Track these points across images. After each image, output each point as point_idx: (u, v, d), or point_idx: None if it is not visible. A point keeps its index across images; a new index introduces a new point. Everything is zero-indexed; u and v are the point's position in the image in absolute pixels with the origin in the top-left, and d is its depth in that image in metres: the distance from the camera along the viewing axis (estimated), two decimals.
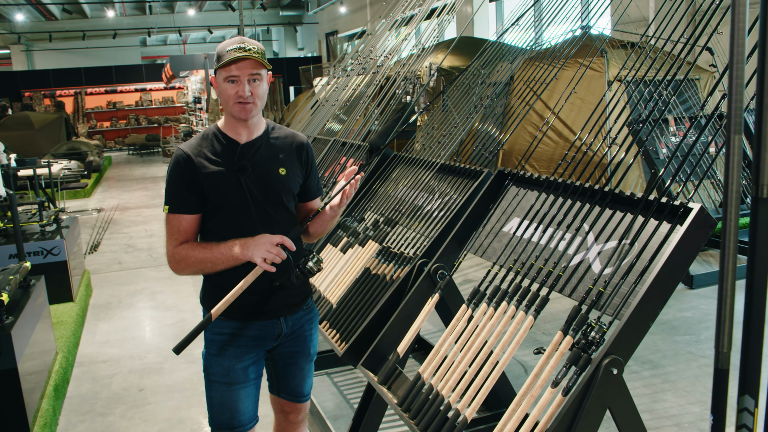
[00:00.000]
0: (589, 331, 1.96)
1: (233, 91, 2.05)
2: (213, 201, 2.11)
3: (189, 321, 5.18)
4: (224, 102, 2.10)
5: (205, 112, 10.99)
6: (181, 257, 2.09)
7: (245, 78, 2.04)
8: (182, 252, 2.09)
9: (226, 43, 2.07)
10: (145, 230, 8.82)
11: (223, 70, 2.05)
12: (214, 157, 2.11)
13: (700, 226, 1.88)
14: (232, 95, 2.06)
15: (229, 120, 2.16)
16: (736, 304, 4.44)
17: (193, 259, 2.07)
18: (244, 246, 2.04)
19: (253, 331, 2.20)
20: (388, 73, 5.83)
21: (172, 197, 2.10)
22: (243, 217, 2.13)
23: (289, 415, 2.42)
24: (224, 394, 2.18)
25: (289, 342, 2.30)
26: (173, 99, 22.15)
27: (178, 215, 2.10)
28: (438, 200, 3.48)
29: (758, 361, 1.58)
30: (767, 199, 1.44)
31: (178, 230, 2.10)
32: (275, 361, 2.33)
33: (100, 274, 6.70)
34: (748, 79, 1.55)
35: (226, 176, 2.10)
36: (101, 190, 12.73)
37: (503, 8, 14.48)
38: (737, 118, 1.39)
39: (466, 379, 2.27)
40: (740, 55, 1.35)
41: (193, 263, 2.08)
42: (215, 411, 2.21)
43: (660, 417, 3.36)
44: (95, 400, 3.91)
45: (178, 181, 2.09)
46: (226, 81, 2.06)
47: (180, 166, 2.09)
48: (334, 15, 21.67)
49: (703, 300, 5.00)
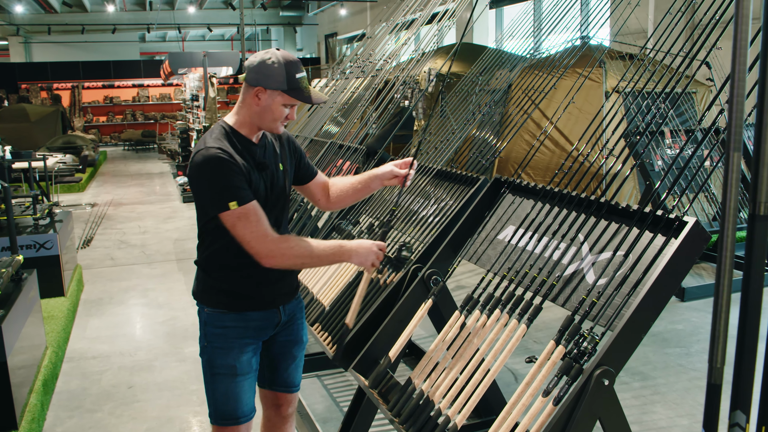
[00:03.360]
0: (581, 341, 1.97)
1: (284, 114, 2.15)
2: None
3: (181, 319, 5.17)
4: (267, 118, 2.14)
5: (203, 110, 10.96)
6: (288, 246, 2.10)
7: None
8: (289, 243, 2.11)
9: (292, 66, 2.10)
10: (138, 226, 8.79)
11: (290, 98, 2.11)
12: (240, 155, 2.13)
13: (694, 240, 1.88)
14: (282, 117, 2.15)
15: (248, 124, 2.17)
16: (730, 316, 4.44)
17: (301, 251, 2.12)
18: (351, 253, 2.21)
19: (255, 322, 2.25)
20: (387, 76, 5.84)
21: (236, 190, 2.04)
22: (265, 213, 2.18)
23: (281, 408, 2.47)
24: (230, 386, 2.22)
25: (284, 331, 2.39)
26: (170, 96, 22.11)
27: (254, 202, 2.08)
28: (434, 206, 3.48)
29: (751, 377, 1.59)
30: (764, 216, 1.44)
31: (261, 216, 2.09)
32: (271, 350, 2.39)
33: (92, 270, 6.68)
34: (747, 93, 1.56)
35: (252, 173, 2.14)
36: (95, 185, 12.69)
37: (503, 15, 14.53)
38: (737, 135, 1.40)
39: (458, 386, 2.28)
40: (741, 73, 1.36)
41: (299, 255, 2.12)
42: (220, 403, 2.25)
43: (649, 429, 3.36)
44: (84, 396, 3.89)
45: (232, 174, 2.05)
46: (284, 105, 2.13)
47: (226, 162, 2.04)
48: (334, 17, 21.70)
49: (694, 313, 5.01)
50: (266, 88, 2.09)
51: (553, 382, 1.95)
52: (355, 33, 20.36)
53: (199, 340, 2.30)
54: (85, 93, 21.53)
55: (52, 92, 20.70)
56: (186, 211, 9.79)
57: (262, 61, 2.10)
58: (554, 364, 2.01)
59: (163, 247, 7.64)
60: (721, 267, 1.55)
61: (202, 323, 2.25)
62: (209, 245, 2.21)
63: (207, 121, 10.65)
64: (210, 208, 2.08)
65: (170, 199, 10.90)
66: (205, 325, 2.24)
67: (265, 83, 2.09)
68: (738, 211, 5.99)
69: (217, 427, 2.27)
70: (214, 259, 2.22)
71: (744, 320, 1.57)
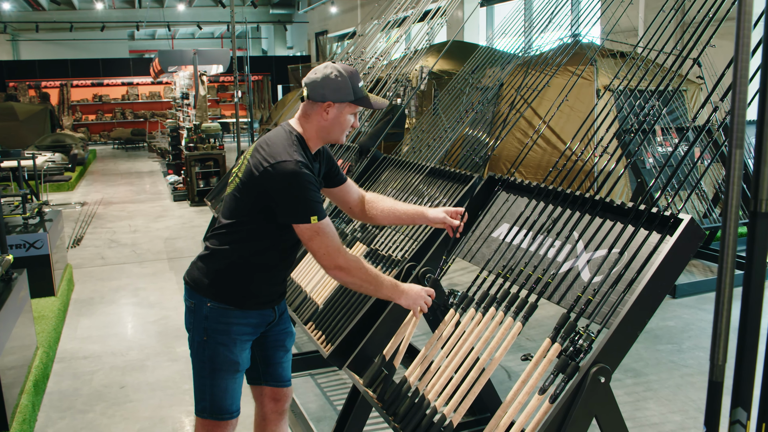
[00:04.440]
0: (577, 339, 1.97)
1: (350, 123, 2.24)
2: None
3: (172, 318, 5.14)
4: (336, 130, 2.23)
5: (193, 108, 10.91)
6: (357, 267, 2.20)
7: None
8: (359, 264, 2.20)
9: (354, 77, 2.20)
10: (129, 225, 8.74)
11: (356, 106, 2.21)
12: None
13: (690, 237, 1.89)
14: (348, 127, 2.23)
15: (314, 137, 2.25)
16: None
17: (369, 276, 2.22)
18: (403, 294, 2.33)
19: (254, 320, 2.31)
20: (379, 75, 5.83)
21: (317, 205, 2.14)
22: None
23: (277, 403, 2.50)
24: (230, 382, 2.27)
25: (275, 325, 2.45)
26: (160, 94, 22.02)
27: (328, 218, 2.17)
28: (427, 204, 3.48)
29: (751, 375, 1.59)
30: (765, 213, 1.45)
31: (334, 231, 2.18)
32: (265, 345, 2.44)
33: (82, 269, 6.64)
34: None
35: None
36: (85, 184, 12.62)
37: (494, 13, 14.53)
38: (739, 133, 1.41)
39: (453, 384, 2.27)
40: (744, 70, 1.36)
41: (365, 279, 2.22)
42: (218, 398, 2.27)
43: (642, 425, 3.38)
44: (75, 397, 3.87)
45: (315, 190, 2.15)
46: (351, 114, 2.23)
47: (311, 177, 2.14)
48: (325, 15, 21.64)
49: (685, 309, 5.04)
50: (335, 102, 2.18)
51: (549, 380, 1.95)
52: (345, 31, 20.32)
53: (192, 333, 2.28)
54: (73, 91, 21.40)
55: (40, 90, 20.56)
56: (177, 210, 9.75)
57: (326, 77, 2.16)
58: (550, 362, 2.01)
59: (154, 246, 7.60)
60: (723, 264, 1.56)
61: (202, 317, 2.24)
62: (239, 242, 2.23)
63: (197, 120, 10.60)
64: (289, 218, 2.14)
65: (161, 198, 10.85)
66: (206, 320, 2.23)
67: (333, 97, 2.17)
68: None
69: (211, 421, 2.28)
70: (240, 251, 2.23)
71: (745, 318, 1.58)
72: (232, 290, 2.24)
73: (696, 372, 3.99)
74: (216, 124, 10.45)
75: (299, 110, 2.27)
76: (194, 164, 10.04)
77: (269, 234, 2.22)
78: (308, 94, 2.19)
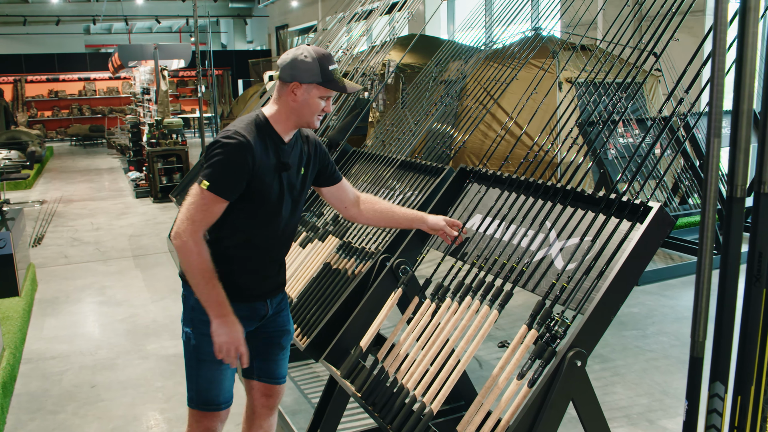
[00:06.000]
0: (553, 325, 2.03)
1: (321, 107, 2.18)
2: (255, 191, 2.14)
3: (141, 316, 5.09)
4: (305, 112, 2.18)
5: (154, 103, 10.76)
6: (196, 253, 2.06)
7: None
8: (200, 251, 2.07)
9: (323, 58, 2.15)
10: (91, 223, 8.60)
11: (325, 90, 2.16)
12: (266, 150, 2.16)
13: (659, 225, 1.96)
14: (319, 110, 2.18)
15: (284, 119, 2.20)
16: (680, 299, 4.61)
17: (198, 268, 2.08)
18: (222, 318, 2.09)
19: (243, 312, 2.25)
20: (345, 68, 5.84)
21: (218, 178, 2.06)
22: (274, 213, 2.23)
23: (268, 399, 2.49)
24: (215, 373, 2.25)
25: (270, 323, 2.41)
26: (118, 89, 21.61)
27: (216, 197, 2.08)
28: (399, 196, 3.51)
29: (728, 351, 1.67)
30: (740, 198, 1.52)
31: (208, 211, 2.09)
32: (259, 341, 2.40)
33: (45, 268, 6.51)
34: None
35: (271, 171, 2.17)
36: (43, 182, 12.34)
37: (455, 7, 14.63)
38: (717, 123, 1.48)
39: (431, 372, 2.32)
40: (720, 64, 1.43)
41: (194, 266, 2.08)
42: (203, 389, 2.26)
43: (611, 409, 3.48)
44: (45, 398, 3.81)
45: (231, 165, 2.07)
46: (320, 98, 2.17)
47: (239, 151, 2.07)
48: (285, 9, 21.49)
49: (648, 296, 5.18)
50: (302, 83, 2.14)
51: (527, 366, 2.00)
52: (306, 25, 20.22)
53: (181, 322, 2.28)
54: (28, 87, 20.85)
55: None
56: (140, 207, 9.61)
57: (295, 58, 2.15)
58: (527, 348, 2.07)
59: (118, 243, 7.49)
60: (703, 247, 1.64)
61: (189, 308, 2.24)
62: (220, 227, 2.20)
63: (159, 115, 10.46)
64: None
65: (122, 195, 10.68)
66: (192, 311, 2.23)
67: (301, 78, 2.14)
68: (687, 197, 6.19)
69: (198, 412, 2.28)
70: (222, 243, 2.21)
71: (722, 298, 1.65)
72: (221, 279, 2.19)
73: (660, 356, 4.11)
74: (178, 120, 10.33)
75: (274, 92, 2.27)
76: (157, 160, 9.91)
77: (236, 222, 2.18)
78: (279, 75, 2.18)
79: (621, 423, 3.33)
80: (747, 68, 1.48)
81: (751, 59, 1.47)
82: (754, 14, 1.43)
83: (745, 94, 1.48)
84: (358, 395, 2.53)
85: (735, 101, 1.51)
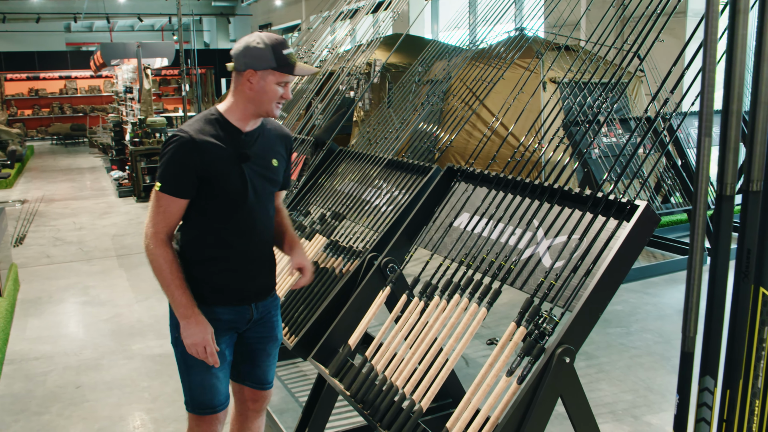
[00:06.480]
0: (541, 322, 2.05)
1: (279, 94, 2.12)
2: (212, 186, 2.11)
3: (125, 316, 5.06)
4: (263, 100, 2.13)
5: (137, 102, 10.68)
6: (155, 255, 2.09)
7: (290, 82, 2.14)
8: (162, 253, 2.08)
9: (276, 44, 2.10)
10: (73, 223, 8.52)
11: (281, 75, 2.10)
12: (218, 142, 2.11)
13: (645, 223, 1.99)
14: (277, 97, 2.12)
15: (239, 110, 2.16)
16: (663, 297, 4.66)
17: (160, 270, 2.10)
18: (189, 319, 2.09)
19: (227, 316, 2.23)
20: (331, 68, 5.84)
21: (168, 178, 2.06)
22: (238, 206, 2.17)
23: (255, 404, 2.46)
24: (205, 378, 2.22)
25: (257, 327, 2.36)
26: (100, 88, 21.40)
27: (170, 197, 2.07)
28: (386, 195, 3.53)
29: (718, 346, 1.71)
30: (730, 196, 1.56)
31: (166, 212, 2.08)
32: (246, 346, 2.37)
33: (27, 268, 6.45)
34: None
35: (229, 163, 2.12)
36: (24, 181, 12.21)
37: (438, 6, 14.67)
38: (707, 122, 1.50)
39: (420, 370, 2.33)
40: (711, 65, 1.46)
41: (156, 269, 2.11)
42: (196, 393, 2.24)
43: (596, 405, 3.51)
44: (29, 399, 3.78)
45: (177, 163, 2.06)
46: (277, 84, 2.11)
47: (182, 148, 2.06)
48: (269, 7, 21.42)
49: (632, 294, 5.24)
50: (257, 70, 2.10)
51: (515, 363, 2.02)
52: (290, 24, 20.16)
53: (169, 329, 2.26)
54: (8, 85, 20.58)
55: None
56: (122, 206, 9.54)
57: (247, 45, 2.10)
58: (516, 345, 2.09)
59: (102, 243, 7.43)
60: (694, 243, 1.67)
61: (172, 312, 2.21)
62: (185, 233, 2.20)
63: (142, 114, 10.39)
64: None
65: (105, 194, 10.60)
66: (174, 316, 2.20)
67: (255, 65, 2.09)
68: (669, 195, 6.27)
69: (194, 415, 2.27)
70: (190, 249, 2.20)
71: (712, 294, 1.68)
72: (194, 286, 2.17)
73: (644, 353, 4.16)
74: (162, 119, 10.27)
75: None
76: (140, 159, 9.84)
77: (207, 222, 2.16)
78: (233, 65, 2.14)
79: (606, 419, 3.37)
80: (737, 69, 1.52)
81: (740, 60, 1.50)
82: (743, 16, 1.46)
83: (734, 94, 1.51)
84: (347, 393, 2.54)
85: (725, 101, 1.54)
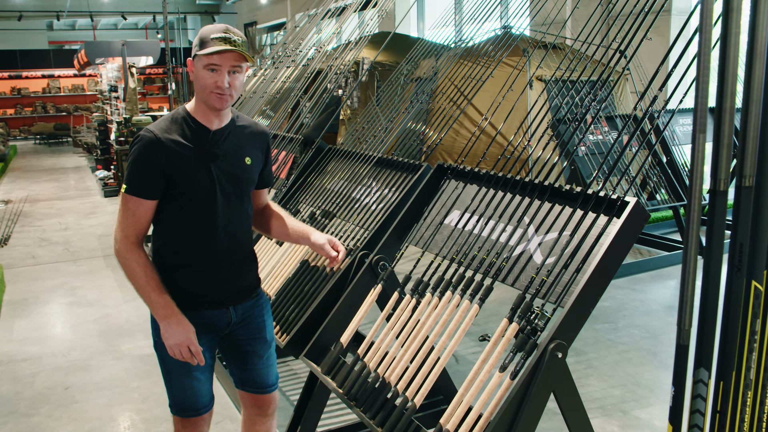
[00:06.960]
0: (533, 318, 2.07)
1: (212, 81, 2.02)
2: (179, 187, 2.07)
3: (114, 316, 5.03)
4: (200, 89, 2.06)
5: (122, 101, 10.61)
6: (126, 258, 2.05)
7: (226, 69, 2.02)
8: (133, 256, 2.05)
9: (210, 29, 2.03)
10: (59, 223, 8.45)
11: (205, 57, 2.00)
12: (185, 141, 2.07)
13: (635, 219, 2.01)
14: (210, 84, 2.03)
15: (200, 106, 2.12)
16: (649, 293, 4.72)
17: (132, 273, 2.05)
18: (168, 320, 2.04)
19: (203, 320, 2.19)
20: (319, 66, 5.84)
21: (133, 179, 2.04)
22: (207, 205, 2.12)
23: (259, 408, 2.41)
24: (185, 381, 2.20)
25: (241, 329, 2.31)
26: (84, 87, 21.25)
27: (137, 198, 2.05)
28: (376, 193, 3.53)
29: (712, 339, 1.74)
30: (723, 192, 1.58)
31: (135, 214, 2.06)
32: (233, 349, 2.34)
33: (13, 269, 6.39)
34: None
35: (196, 162, 2.08)
36: (7, 181, 12.10)
37: (424, 5, 14.70)
38: (702, 119, 1.53)
39: (413, 367, 2.34)
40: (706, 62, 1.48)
41: (128, 272, 2.07)
42: (178, 397, 2.23)
43: (585, 400, 3.51)
44: (18, 401, 3.75)
45: (142, 163, 2.03)
46: (205, 69, 2.02)
47: (147, 148, 2.03)
48: (254, 5, 21.34)
49: (619, 290, 5.28)
50: (192, 58, 2.07)
51: (508, 359, 2.04)
52: (275, 22, 20.10)
53: (151, 332, 2.25)
54: None
55: None
56: (108, 206, 9.48)
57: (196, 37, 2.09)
58: (508, 341, 2.10)
59: (88, 243, 7.39)
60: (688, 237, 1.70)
61: (152, 317, 2.16)
62: (155, 240, 2.18)
63: (128, 113, 10.32)
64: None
65: (90, 194, 10.52)
66: (154, 320, 2.15)
67: (192, 54, 2.07)
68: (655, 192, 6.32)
69: (178, 418, 2.26)
70: (162, 256, 2.18)
71: (706, 288, 1.71)
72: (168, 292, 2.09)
73: (632, 348, 4.20)
74: (147, 118, 10.20)
75: None
76: (125, 159, 9.76)
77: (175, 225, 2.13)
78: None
79: (596, 414, 3.40)
80: (730, 66, 1.54)
81: (733, 58, 1.53)
82: (736, 15, 1.48)
83: (728, 91, 1.54)
84: (340, 391, 2.54)
85: (718, 97, 1.57)
